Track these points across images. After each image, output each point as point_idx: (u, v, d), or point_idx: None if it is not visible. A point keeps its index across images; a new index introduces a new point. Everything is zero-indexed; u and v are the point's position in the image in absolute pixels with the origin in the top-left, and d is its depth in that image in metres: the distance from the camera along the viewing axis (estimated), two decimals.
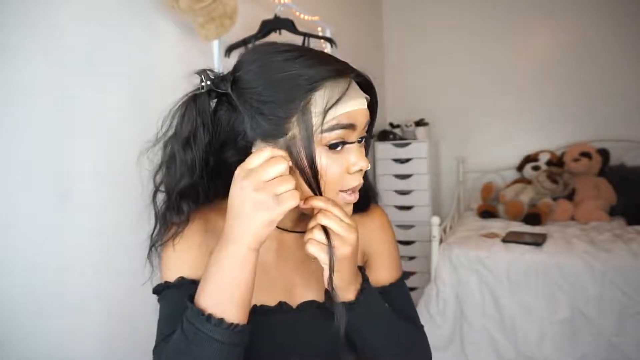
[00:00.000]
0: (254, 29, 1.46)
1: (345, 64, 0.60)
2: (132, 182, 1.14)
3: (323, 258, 0.57)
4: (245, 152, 0.60)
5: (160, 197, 0.64)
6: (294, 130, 0.56)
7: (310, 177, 0.57)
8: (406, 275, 0.78)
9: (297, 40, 1.45)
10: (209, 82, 0.60)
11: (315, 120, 0.55)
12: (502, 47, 3.02)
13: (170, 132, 0.63)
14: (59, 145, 0.97)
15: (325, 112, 0.55)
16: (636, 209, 2.33)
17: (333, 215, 0.56)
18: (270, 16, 1.47)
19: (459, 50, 3.11)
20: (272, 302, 0.66)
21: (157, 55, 1.23)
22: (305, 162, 0.56)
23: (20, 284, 0.90)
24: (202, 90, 0.61)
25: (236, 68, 0.61)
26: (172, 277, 0.62)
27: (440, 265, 2.06)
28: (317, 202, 0.57)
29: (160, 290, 0.63)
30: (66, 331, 0.98)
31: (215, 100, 0.62)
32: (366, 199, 0.73)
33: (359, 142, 0.61)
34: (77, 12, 1.00)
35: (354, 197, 0.61)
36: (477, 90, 3.09)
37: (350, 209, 0.62)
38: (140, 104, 1.17)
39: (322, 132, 0.56)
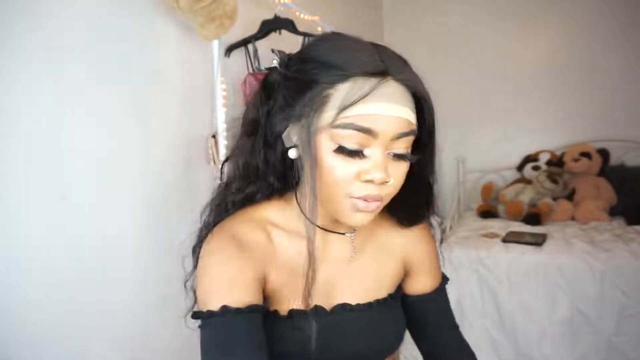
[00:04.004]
0: (254, 29, 1.45)
1: (394, 63, 0.56)
2: (132, 182, 1.15)
3: None
4: (276, 140, 0.62)
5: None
6: (308, 116, 0.54)
7: (312, 167, 0.55)
8: (447, 280, 0.80)
9: (297, 40, 1.45)
10: (275, 60, 0.61)
11: (331, 112, 0.53)
12: (502, 47, 3.02)
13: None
14: (59, 145, 0.97)
15: (343, 107, 0.52)
16: (636, 209, 2.33)
17: None
18: (270, 16, 1.47)
19: (459, 50, 3.11)
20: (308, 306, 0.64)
21: (157, 55, 1.23)
22: (306, 149, 0.55)
23: (23, 282, 0.90)
24: (273, 67, 0.62)
25: (299, 50, 0.63)
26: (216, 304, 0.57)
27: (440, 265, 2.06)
28: None
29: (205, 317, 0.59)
30: (68, 329, 0.98)
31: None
32: (416, 218, 0.72)
33: (397, 156, 0.56)
34: (77, 12, 1.00)
35: (366, 207, 0.56)
36: (477, 90, 3.09)
37: (362, 217, 0.58)
38: (140, 103, 1.17)
39: (333, 127, 0.53)
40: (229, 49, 1.41)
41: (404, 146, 0.56)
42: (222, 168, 0.71)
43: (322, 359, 0.64)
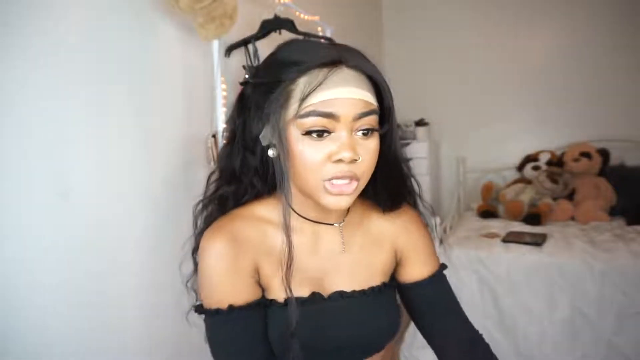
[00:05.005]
0: (254, 29, 1.45)
1: (348, 53, 0.61)
2: (132, 182, 1.15)
3: None
4: (255, 143, 0.66)
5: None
6: (275, 113, 0.60)
7: (284, 159, 0.60)
8: (444, 266, 0.79)
9: None
10: (247, 76, 0.67)
11: (295, 105, 0.58)
12: (503, 47, 3.02)
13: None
14: (59, 145, 0.97)
15: (302, 98, 0.57)
16: (636, 209, 2.33)
17: None
18: (270, 16, 1.47)
19: (459, 50, 3.11)
20: (305, 293, 0.68)
21: (156, 55, 1.23)
22: (278, 142, 0.60)
23: (26, 283, 0.90)
24: (246, 81, 0.69)
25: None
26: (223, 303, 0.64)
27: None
28: None
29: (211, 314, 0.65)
30: (71, 328, 0.98)
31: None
32: (394, 200, 0.74)
33: (365, 134, 0.61)
34: (77, 12, 1.00)
35: (339, 190, 0.60)
36: (477, 90, 3.09)
37: (335, 200, 0.61)
38: (140, 103, 1.17)
39: (298, 117, 0.58)
40: (229, 49, 1.41)
41: (367, 124, 0.61)
42: (209, 178, 0.75)
43: (319, 344, 0.66)
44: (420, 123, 3.02)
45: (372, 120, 0.61)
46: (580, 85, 2.83)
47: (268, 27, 1.46)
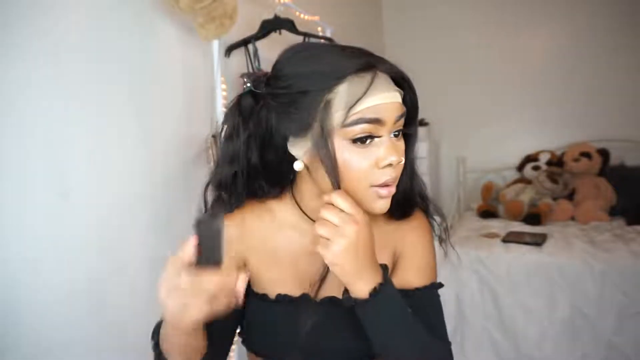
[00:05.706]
0: (254, 29, 1.46)
1: (375, 57, 0.61)
2: (132, 181, 1.15)
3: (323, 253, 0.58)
4: (282, 150, 0.64)
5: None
6: (317, 123, 0.58)
7: (330, 170, 0.58)
8: (439, 285, 0.74)
9: (297, 40, 1.45)
10: (249, 84, 0.64)
11: (339, 113, 0.57)
12: (503, 47, 3.02)
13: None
14: (60, 145, 0.97)
15: (348, 106, 0.56)
16: (636, 209, 2.33)
17: (333, 207, 0.57)
18: (270, 16, 1.47)
19: (459, 50, 3.11)
20: (296, 292, 0.67)
21: (157, 55, 1.23)
22: (323, 154, 0.58)
23: (28, 283, 0.90)
24: (245, 92, 0.66)
25: (273, 68, 0.64)
26: None
27: (440, 265, 2.06)
28: (327, 197, 0.58)
29: None
30: (72, 328, 0.98)
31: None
32: (408, 207, 0.72)
33: (396, 136, 0.61)
34: (77, 11, 1.00)
35: (388, 192, 0.60)
36: (477, 90, 3.09)
37: (383, 203, 0.61)
38: (140, 103, 1.17)
39: (345, 126, 0.57)
40: (229, 49, 1.41)
41: (400, 126, 0.62)
42: (205, 192, 0.73)
43: (305, 347, 0.65)
44: (420, 123, 3.02)
45: (402, 122, 0.62)
46: (580, 85, 2.83)
47: (268, 27, 1.46)
